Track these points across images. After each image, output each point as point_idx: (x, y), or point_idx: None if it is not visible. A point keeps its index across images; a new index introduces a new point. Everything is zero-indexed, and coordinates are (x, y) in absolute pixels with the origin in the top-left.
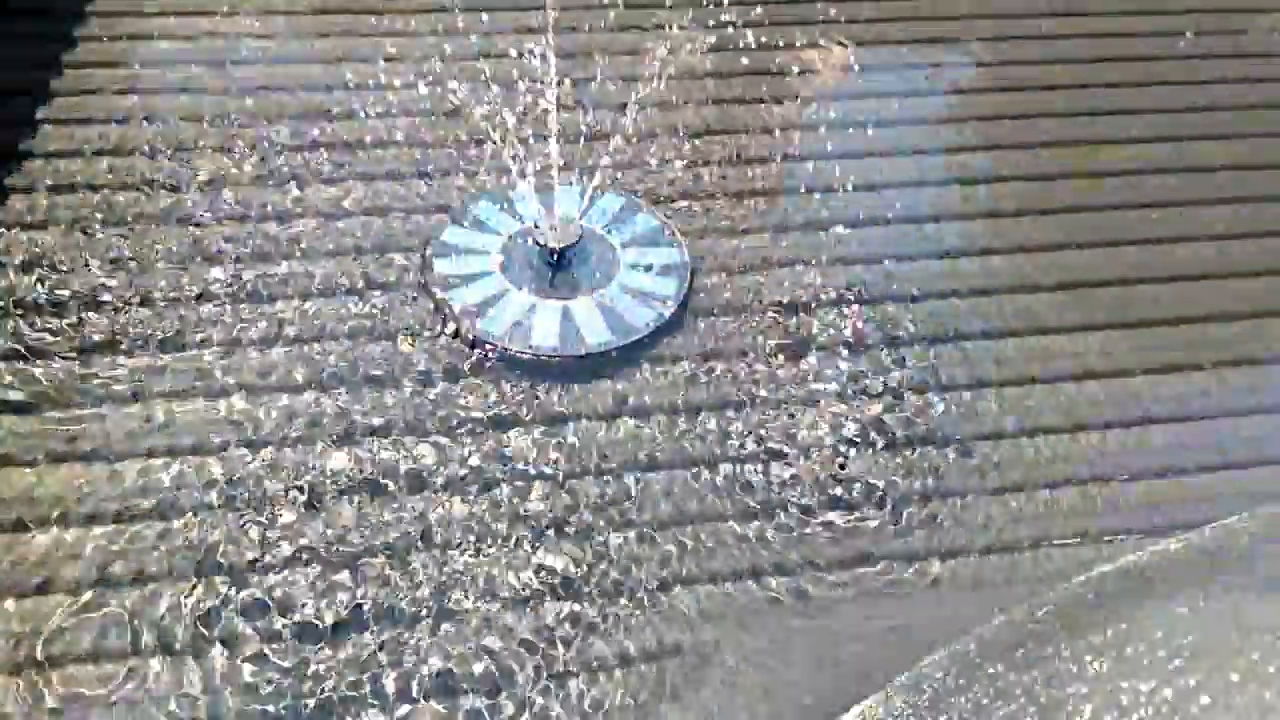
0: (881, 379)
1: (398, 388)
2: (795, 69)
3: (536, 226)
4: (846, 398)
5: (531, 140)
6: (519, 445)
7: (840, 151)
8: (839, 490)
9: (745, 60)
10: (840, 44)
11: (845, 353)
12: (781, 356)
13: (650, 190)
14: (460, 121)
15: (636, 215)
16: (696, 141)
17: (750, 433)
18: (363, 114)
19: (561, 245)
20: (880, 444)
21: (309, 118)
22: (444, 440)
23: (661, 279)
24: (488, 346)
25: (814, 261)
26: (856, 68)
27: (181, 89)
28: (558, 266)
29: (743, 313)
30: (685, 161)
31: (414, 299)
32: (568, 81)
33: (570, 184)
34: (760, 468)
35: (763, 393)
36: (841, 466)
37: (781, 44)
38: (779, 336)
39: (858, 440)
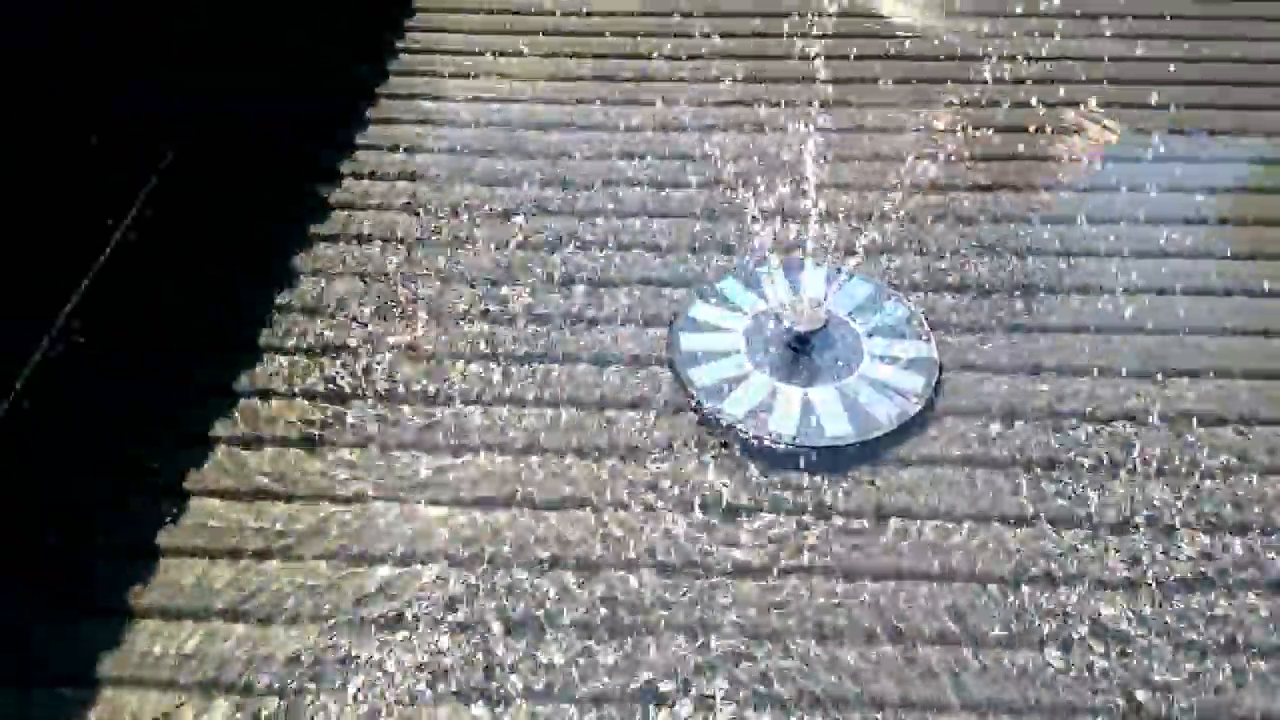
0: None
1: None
2: (1068, 155)
3: (783, 307)
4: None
5: (786, 218)
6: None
7: (1116, 248)
8: None
9: (1019, 145)
10: (1107, 126)
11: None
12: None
13: (903, 276)
14: (718, 194)
15: (885, 303)
16: (961, 228)
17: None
18: (626, 181)
19: (806, 330)
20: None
21: (577, 184)
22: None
23: (907, 373)
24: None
25: (1078, 371)
26: (1136, 149)
27: (466, 149)
28: (801, 351)
29: (995, 419)
30: (944, 248)
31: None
32: (831, 155)
33: (821, 264)
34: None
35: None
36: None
37: (1052, 128)
38: (1035, 450)
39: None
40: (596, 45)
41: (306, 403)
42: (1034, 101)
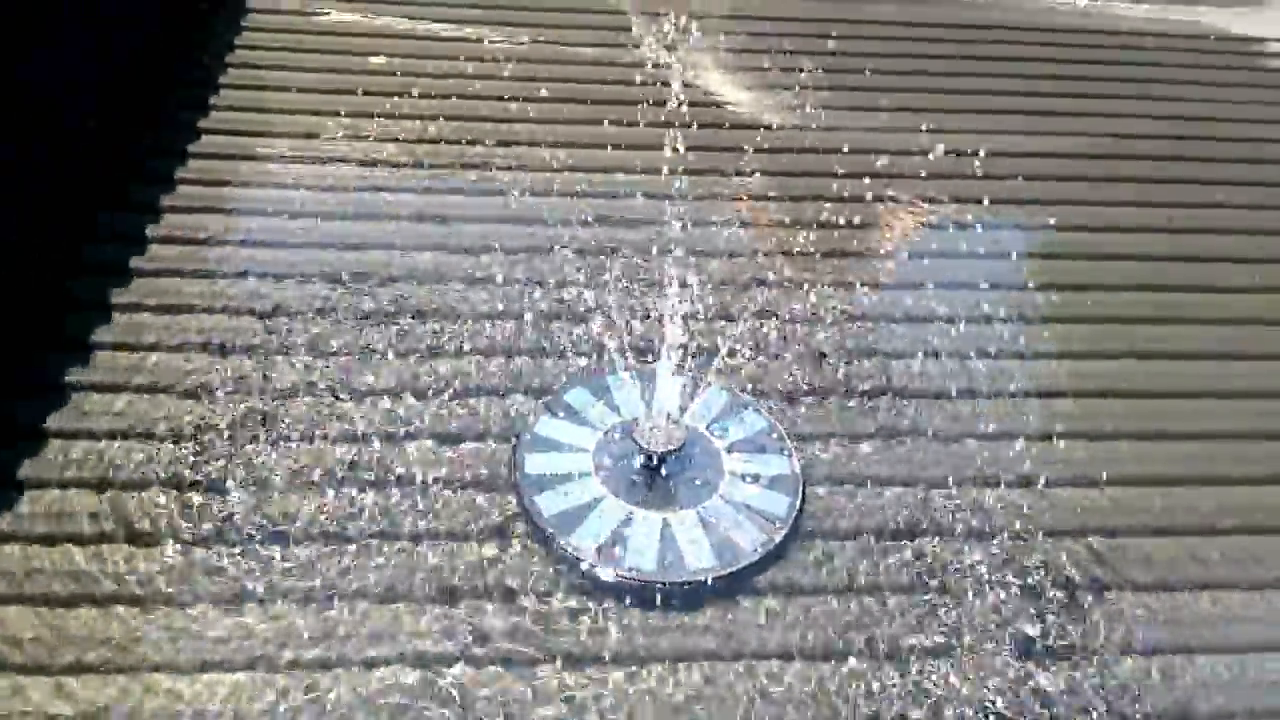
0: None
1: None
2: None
3: (636, 424)
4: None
5: (635, 320)
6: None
7: (970, 346)
8: None
9: (853, 240)
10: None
11: (982, 598)
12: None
13: (759, 384)
14: (563, 295)
15: (743, 413)
16: (813, 331)
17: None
18: (460, 281)
19: (663, 450)
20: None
21: (402, 280)
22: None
23: (770, 492)
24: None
25: (945, 480)
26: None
27: (279, 243)
28: (656, 471)
29: (860, 536)
30: (798, 351)
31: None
32: (681, 254)
33: (675, 372)
34: None
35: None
36: None
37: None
38: (906, 569)
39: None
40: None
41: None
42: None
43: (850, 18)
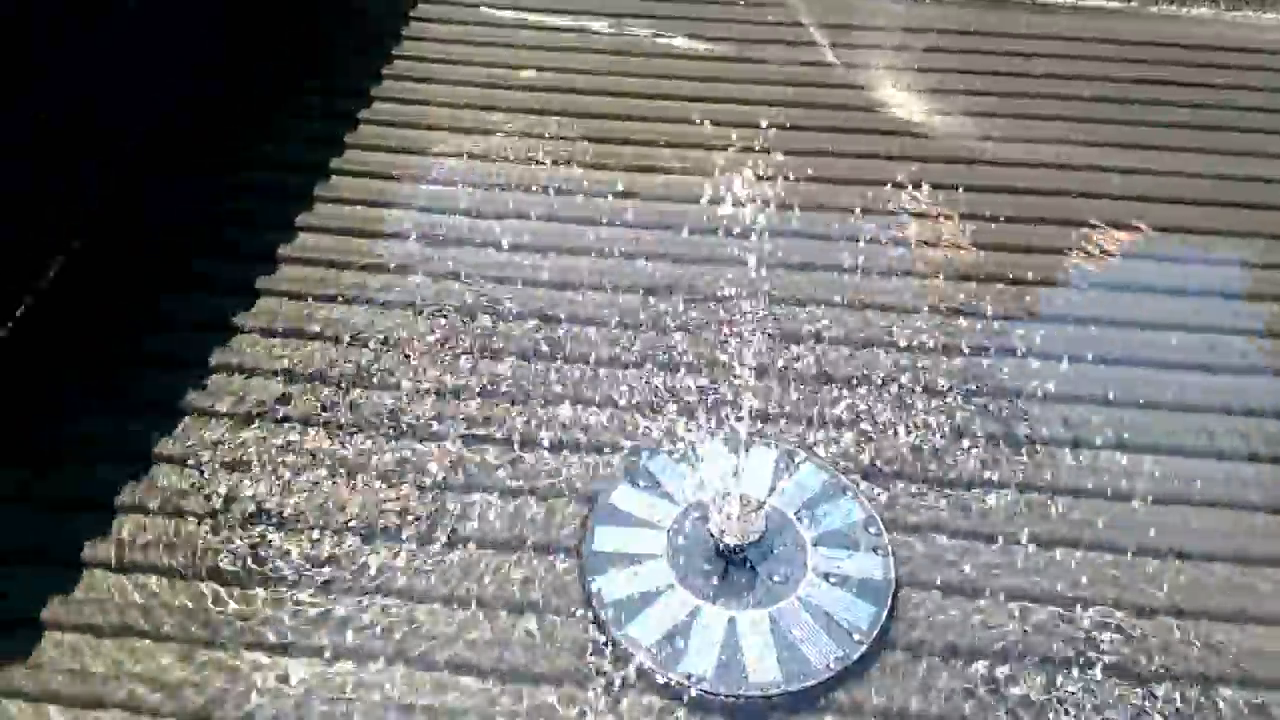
0: None
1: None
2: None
3: (715, 504)
4: None
5: (731, 382)
6: None
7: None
8: None
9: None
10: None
11: None
12: None
13: (864, 464)
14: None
15: (839, 500)
16: (942, 399)
17: None
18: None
19: (737, 544)
20: None
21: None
22: None
23: (856, 600)
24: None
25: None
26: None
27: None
28: (730, 563)
29: (950, 659)
30: (919, 426)
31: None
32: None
33: (771, 444)
34: None
35: None
36: None
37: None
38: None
39: None
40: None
41: None
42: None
43: (1025, 32)
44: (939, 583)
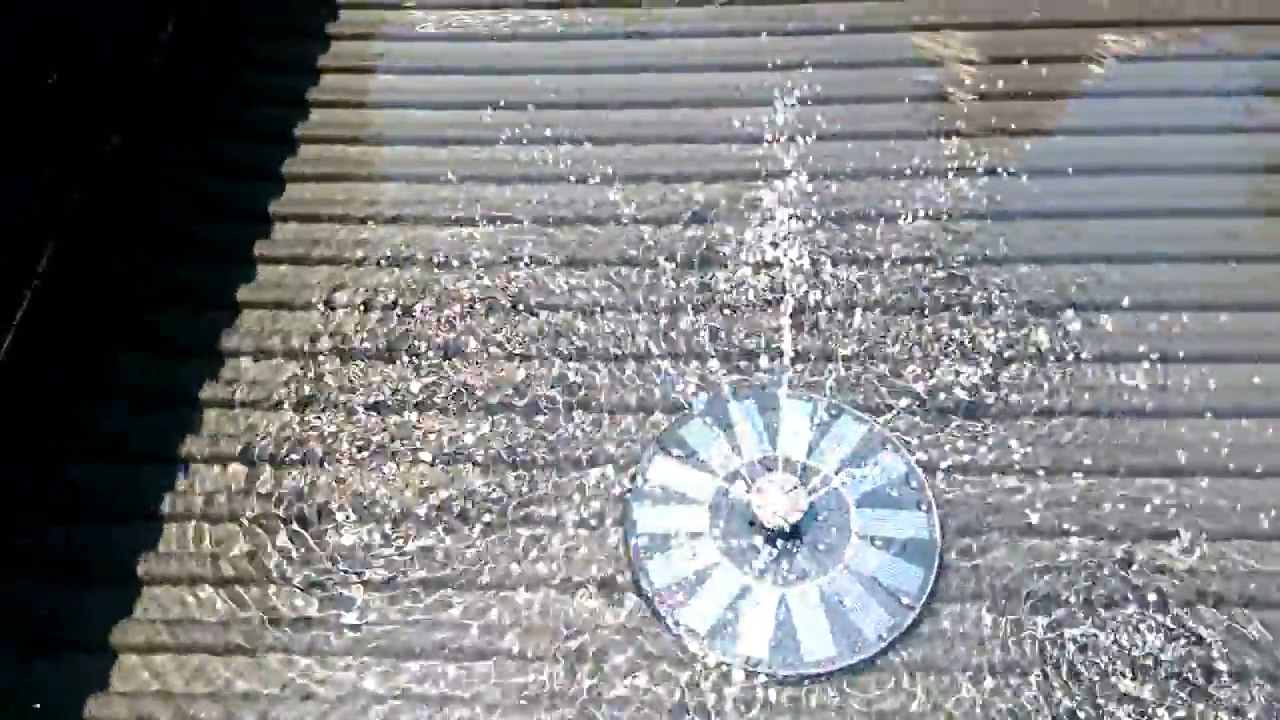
0: None
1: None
2: None
3: (749, 487)
4: None
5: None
6: None
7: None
8: None
9: None
10: None
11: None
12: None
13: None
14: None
15: (879, 454)
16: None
17: None
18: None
19: (781, 527)
20: None
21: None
22: None
23: (902, 563)
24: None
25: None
26: None
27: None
28: (774, 544)
29: (997, 612)
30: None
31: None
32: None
33: (804, 397)
34: None
35: None
36: None
37: None
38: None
39: None
40: None
41: None
42: None
43: None
44: (988, 524)
